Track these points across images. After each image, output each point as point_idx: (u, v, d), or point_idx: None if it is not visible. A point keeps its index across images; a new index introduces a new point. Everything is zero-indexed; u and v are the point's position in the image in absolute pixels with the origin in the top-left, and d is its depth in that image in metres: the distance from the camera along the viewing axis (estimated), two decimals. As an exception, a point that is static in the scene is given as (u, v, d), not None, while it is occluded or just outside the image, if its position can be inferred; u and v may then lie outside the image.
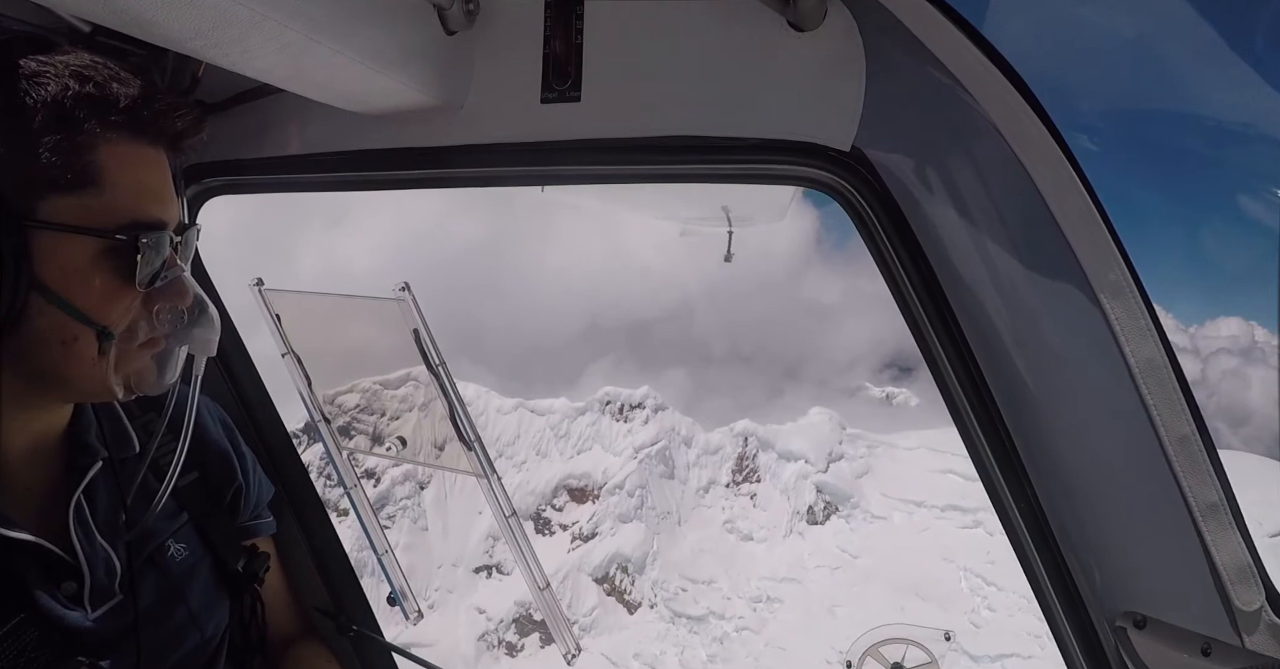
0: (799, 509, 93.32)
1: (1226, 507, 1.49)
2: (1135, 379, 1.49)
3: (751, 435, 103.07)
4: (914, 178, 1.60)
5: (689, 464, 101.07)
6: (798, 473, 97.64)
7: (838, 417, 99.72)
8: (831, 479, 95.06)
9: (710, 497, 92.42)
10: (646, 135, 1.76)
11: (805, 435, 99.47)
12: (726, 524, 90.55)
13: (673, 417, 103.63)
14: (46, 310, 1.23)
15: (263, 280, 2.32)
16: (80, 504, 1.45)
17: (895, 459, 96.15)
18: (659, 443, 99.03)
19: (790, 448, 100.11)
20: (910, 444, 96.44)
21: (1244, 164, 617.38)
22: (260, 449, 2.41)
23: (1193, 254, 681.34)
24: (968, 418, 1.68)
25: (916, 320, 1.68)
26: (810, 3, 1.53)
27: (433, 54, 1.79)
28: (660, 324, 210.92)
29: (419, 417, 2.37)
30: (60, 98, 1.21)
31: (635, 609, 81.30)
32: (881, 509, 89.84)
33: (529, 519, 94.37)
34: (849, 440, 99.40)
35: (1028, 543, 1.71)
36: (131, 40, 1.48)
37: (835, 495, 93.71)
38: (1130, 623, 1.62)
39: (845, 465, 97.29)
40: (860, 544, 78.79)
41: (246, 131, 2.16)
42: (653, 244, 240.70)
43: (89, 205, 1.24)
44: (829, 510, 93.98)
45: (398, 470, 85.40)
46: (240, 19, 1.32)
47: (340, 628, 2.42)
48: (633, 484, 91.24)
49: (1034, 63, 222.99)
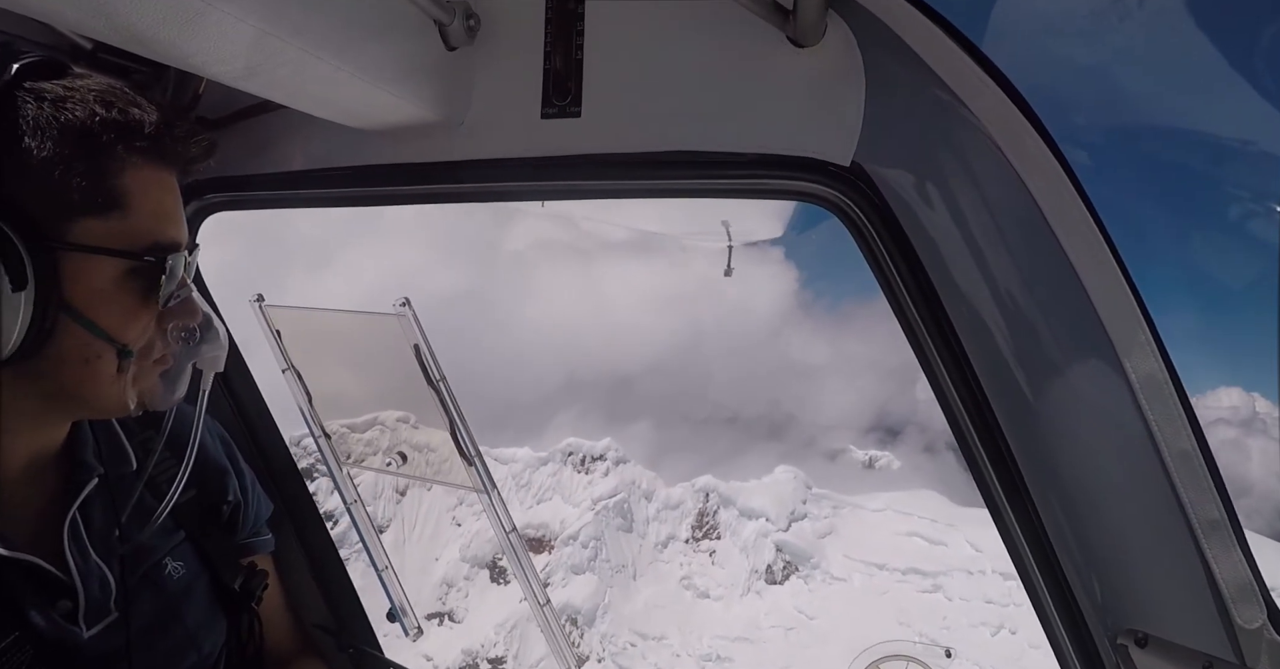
0: (758, 568, 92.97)
1: (1228, 524, 1.48)
2: (1136, 395, 1.49)
3: (713, 491, 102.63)
4: (913, 193, 1.60)
5: (648, 518, 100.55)
6: (758, 531, 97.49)
7: (803, 475, 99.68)
8: (792, 538, 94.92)
9: (669, 552, 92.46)
10: (647, 150, 1.77)
11: (768, 493, 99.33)
12: (684, 580, 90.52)
13: (634, 470, 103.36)
14: (72, 330, 1.24)
15: (263, 296, 2.33)
16: (75, 521, 1.44)
17: (861, 521, 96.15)
18: (618, 495, 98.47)
19: (752, 505, 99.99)
20: (877, 506, 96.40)
21: (1242, 179, 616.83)
22: (260, 466, 2.41)
23: (1192, 268, 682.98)
24: (968, 433, 1.68)
25: (916, 335, 1.68)
26: (810, 19, 1.53)
27: (433, 70, 1.79)
28: (639, 380, 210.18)
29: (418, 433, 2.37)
30: (88, 123, 1.22)
31: (583, 663, 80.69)
32: (842, 570, 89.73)
33: (484, 567, 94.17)
34: (814, 500, 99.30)
35: (1029, 560, 1.70)
36: (133, 57, 1.49)
37: (795, 555, 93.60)
38: (1132, 641, 1.62)
39: (808, 525, 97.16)
40: (818, 606, 78.78)
41: (247, 147, 2.16)
42: (635, 299, 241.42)
43: (115, 228, 1.26)
44: (788, 570, 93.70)
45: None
46: (241, 36, 1.32)
47: (340, 645, 2.41)
48: (587, 535, 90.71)
49: (1033, 79, 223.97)
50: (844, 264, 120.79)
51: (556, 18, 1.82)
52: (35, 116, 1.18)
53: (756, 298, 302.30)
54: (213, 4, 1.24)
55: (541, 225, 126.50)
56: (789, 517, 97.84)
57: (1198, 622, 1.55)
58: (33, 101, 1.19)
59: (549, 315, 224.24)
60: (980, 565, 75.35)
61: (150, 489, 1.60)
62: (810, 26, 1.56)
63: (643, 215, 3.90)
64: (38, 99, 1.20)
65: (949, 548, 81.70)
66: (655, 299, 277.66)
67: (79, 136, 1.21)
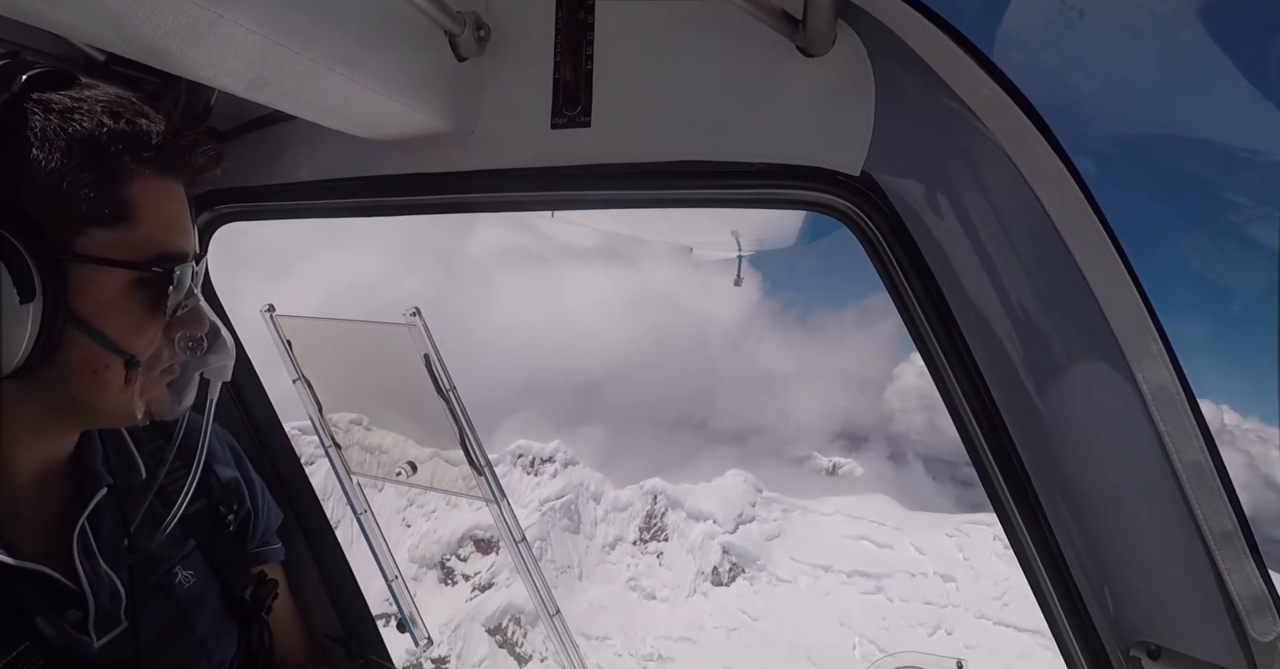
0: (704, 569, 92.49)
1: (1241, 535, 1.47)
2: (1148, 405, 1.48)
3: (661, 493, 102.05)
4: (924, 203, 1.60)
5: (596, 520, 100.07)
6: (705, 533, 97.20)
7: (753, 479, 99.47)
8: (739, 541, 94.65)
9: (616, 553, 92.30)
10: (657, 160, 1.77)
11: (716, 496, 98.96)
12: (630, 581, 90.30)
13: (582, 472, 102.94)
14: (80, 341, 1.24)
15: (274, 306, 2.33)
16: (84, 531, 1.44)
17: (811, 524, 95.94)
18: (565, 497, 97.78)
19: (700, 507, 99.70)
20: (828, 509, 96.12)
21: (1254, 188, 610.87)
22: (270, 475, 2.41)
23: (1201, 277, 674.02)
24: (979, 444, 1.67)
25: (927, 345, 1.67)
26: (820, 28, 1.53)
27: (444, 80, 1.80)
28: (603, 387, 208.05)
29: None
30: (96, 133, 1.22)
31: (526, 662, 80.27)
32: (788, 572, 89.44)
33: (433, 568, 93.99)
34: (763, 503, 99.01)
35: (1040, 571, 1.69)
36: (145, 68, 1.50)
37: (742, 557, 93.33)
38: (1144, 653, 1.61)
39: (756, 528, 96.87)
40: (762, 607, 78.59)
41: (258, 158, 2.17)
42: (599, 306, 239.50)
43: (123, 239, 1.26)
44: (735, 572, 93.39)
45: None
46: (252, 48, 1.33)
47: (350, 655, 2.41)
48: (533, 536, 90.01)
49: (1043, 88, 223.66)
50: (820, 275, 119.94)
51: (566, 28, 1.82)
52: (43, 128, 1.18)
53: (725, 307, 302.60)
54: (224, 16, 1.24)
55: (504, 232, 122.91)
56: (736, 519, 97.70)
57: (1211, 634, 1.54)
58: (40, 113, 1.19)
59: (512, 321, 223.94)
60: (922, 567, 75.29)
61: (160, 498, 1.61)
62: (820, 36, 1.56)
63: (653, 225, 3.91)
64: (45, 110, 1.20)
65: (894, 551, 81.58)
66: (620, 306, 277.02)
67: (87, 148, 1.21)
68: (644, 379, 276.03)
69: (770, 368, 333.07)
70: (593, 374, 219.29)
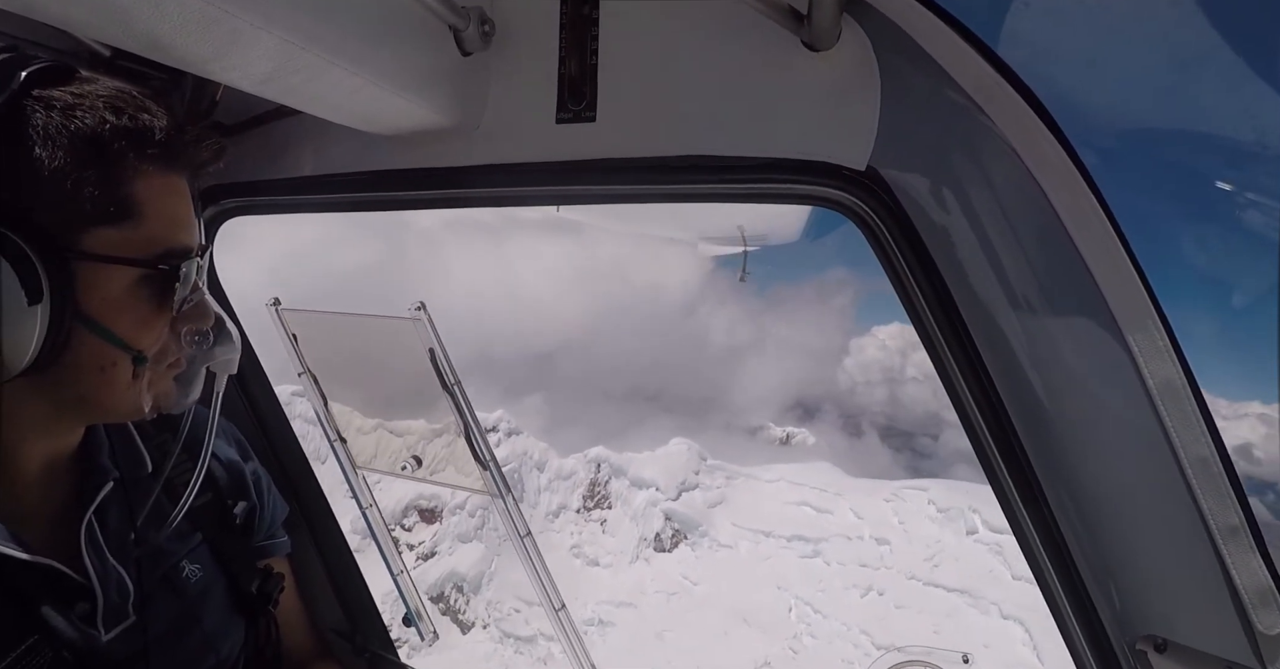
0: (646, 536, 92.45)
1: (1247, 529, 1.47)
2: (1154, 400, 1.48)
3: (605, 462, 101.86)
4: (929, 198, 1.60)
5: (540, 488, 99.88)
6: (648, 500, 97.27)
7: (697, 447, 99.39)
8: (682, 507, 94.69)
9: (560, 521, 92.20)
10: (661, 155, 1.76)
11: (660, 464, 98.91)
12: (574, 549, 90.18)
13: (526, 441, 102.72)
14: (88, 339, 1.24)
15: (279, 300, 2.34)
16: (91, 524, 1.45)
17: (753, 491, 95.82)
18: (508, 465, 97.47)
19: (643, 475, 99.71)
20: (771, 477, 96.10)
21: (1260, 182, 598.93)
22: (276, 468, 2.42)
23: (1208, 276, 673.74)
24: (984, 439, 1.67)
25: (932, 340, 1.67)
26: (825, 23, 1.53)
27: (449, 75, 1.80)
28: (555, 358, 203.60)
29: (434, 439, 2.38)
30: (99, 131, 1.21)
31: (469, 629, 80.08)
32: (730, 538, 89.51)
33: (367, 538, 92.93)
34: (707, 471, 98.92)
35: (1045, 565, 1.69)
36: (151, 63, 1.49)
37: (684, 523, 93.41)
38: (1150, 646, 1.61)
39: (699, 495, 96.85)
40: (702, 572, 78.66)
41: (263, 153, 2.17)
42: (555, 279, 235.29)
43: (129, 236, 1.26)
44: (677, 538, 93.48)
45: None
46: (259, 43, 1.33)
47: (356, 649, 2.42)
48: (474, 505, 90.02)
49: (1050, 82, 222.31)
50: (781, 251, 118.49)
51: (571, 23, 1.82)
52: (45, 125, 1.18)
53: (686, 279, 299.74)
54: (230, 12, 1.24)
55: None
56: (679, 487, 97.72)
57: (1217, 627, 1.54)
58: (42, 111, 1.18)
59: (463, 292, 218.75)
60: (860, 532, 75.52)
61: (166, 492, 1.61)
62: (825, 31, 1.55)
63: (657, 219, 3.91)
64: (47, 107, 1.19)
65: (834, 516, 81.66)
66: (577, 278, 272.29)
67: (90, 145, 1.20)
68: (599, 350, 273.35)
69: (726, 340, 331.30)
70: (546, 345, 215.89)
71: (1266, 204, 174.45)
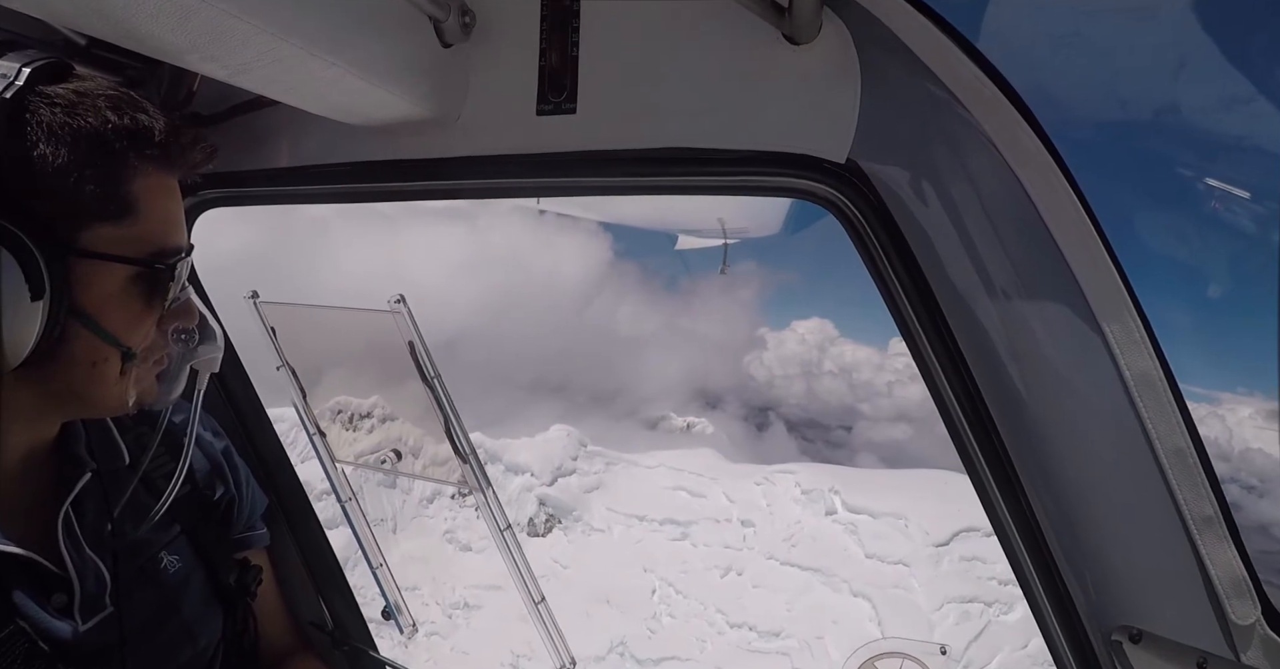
0: (520, 521, 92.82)
1: (1221, 520, 1.49)
2: (1130, 392, 1.49)
3: (480, 447, 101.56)
4: (909, 190, 1.60)
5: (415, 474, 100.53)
6: (523, 486, 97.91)
7: (577, 433, 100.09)
8: (556, 493, 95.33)
9: (434, 507, 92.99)
10: (642, 147, 1.76)
11: (537, 450, 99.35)
12: (447, 534, 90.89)
13: (401, 427, 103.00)
14: (81, 334, 1.26)
15: (258, 293, 2.32)
16: (69, 516, 1.45)
17: (632, 476, 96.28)
18: (378, 451, 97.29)
19: (518, 461, 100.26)
20: (652, 463, 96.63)
21: (1237, 175, 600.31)
22: (255, 461, 2.41)
23: (1187, 268, 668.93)
24: (963, 430, 1.68)
25: (912, 333, 1.67)
26: (806, 16, 1.53)
27: (428, 67, 1.79)
28: (456, 347, 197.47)
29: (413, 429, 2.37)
30: (101, 130, 1.23)
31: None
32: (603, 522, 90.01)
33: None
34: (586, 457, 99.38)
35: (1023, 556, 1.70)
36: (128, 53, 1.49)
37: (559, 508, 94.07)
38: (1126, 637, 1.62)
39: (575, 480, 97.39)
40: (573, 555, 79.26)
41: (242, 144, 2.15)
42: (449, 266, 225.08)
43: (125, 234, 1.28)
44: (550, 523, 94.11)
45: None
46: (236, 33, 1.32)
47: (334, 642, 2.41)
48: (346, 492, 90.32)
49: (1028, 76, 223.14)
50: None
51: (552, 15, 1.81)
52: (49, 123, 1.19)
53: (590, 272, 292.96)
54: (206, 2, 1.23)
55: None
56: (555, 472, 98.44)
57: (1192, 618, 1.56)
58: (45, 107, 1.20)
59: (353, 278, 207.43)
60: (729, 515, 76.02)
61: (145, 484, 1.61)
62: (806, 24, 1.55)
63: (638, 212, 3.92)
64: (50, 105, 1.20)
65: (707, 500, 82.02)
66: (473, 267, 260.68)
67: (92, 144, 1.22)
68: (504, 340, 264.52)
69: (633, 333, 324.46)
70: (445, 334, 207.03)
71: (1241, 196, 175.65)
